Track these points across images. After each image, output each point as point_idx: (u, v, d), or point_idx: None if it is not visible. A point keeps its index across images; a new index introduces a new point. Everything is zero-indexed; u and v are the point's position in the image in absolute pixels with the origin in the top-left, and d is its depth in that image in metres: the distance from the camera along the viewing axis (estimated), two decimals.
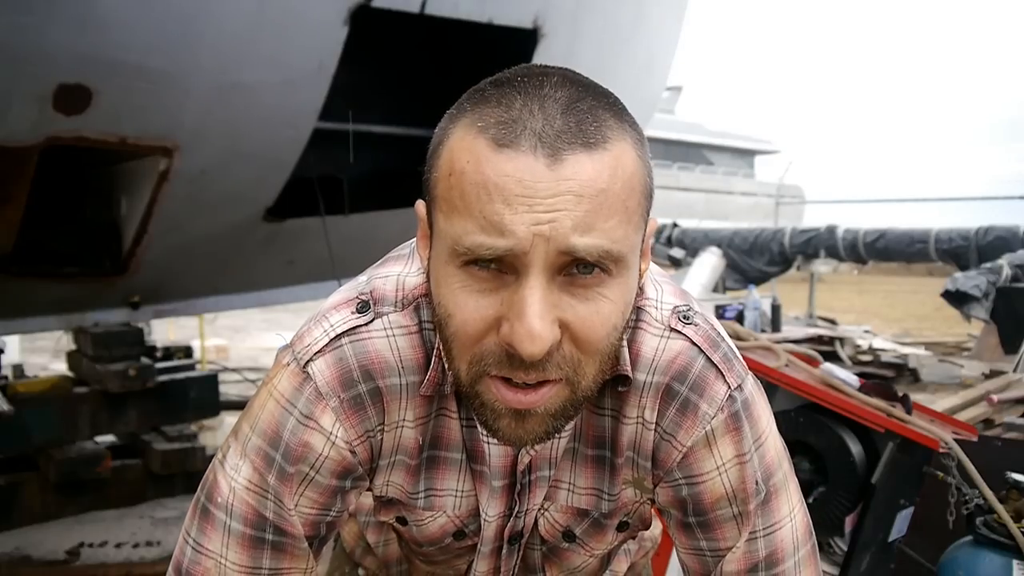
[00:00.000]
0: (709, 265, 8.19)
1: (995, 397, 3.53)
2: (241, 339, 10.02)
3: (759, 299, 7.32)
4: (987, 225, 9.47)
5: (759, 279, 10.36)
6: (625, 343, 0.79)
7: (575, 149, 0.63)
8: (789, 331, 7.78)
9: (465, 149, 0.65)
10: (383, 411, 0.81)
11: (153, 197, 3.24)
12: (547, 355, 0.65)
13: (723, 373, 0.81)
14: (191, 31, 2.81)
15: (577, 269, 0.65)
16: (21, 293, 3.47)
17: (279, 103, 3.19)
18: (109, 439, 4.30)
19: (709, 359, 0.81)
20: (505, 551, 0.94)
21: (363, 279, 0.85)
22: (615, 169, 0.64)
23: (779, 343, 2.52)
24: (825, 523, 2.15)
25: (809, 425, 2.18)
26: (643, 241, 0.72)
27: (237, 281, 4.33)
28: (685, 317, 0.82)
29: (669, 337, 0.82)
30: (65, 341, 5.31)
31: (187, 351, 5.04)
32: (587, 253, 0.63)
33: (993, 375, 5.00)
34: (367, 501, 1.10)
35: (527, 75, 0.68)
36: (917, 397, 2.68)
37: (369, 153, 4.27)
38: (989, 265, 7.74)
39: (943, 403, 3.52)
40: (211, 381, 4.49)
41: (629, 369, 0.80)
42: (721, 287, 8.40)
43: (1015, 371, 4.82)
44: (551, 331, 0.64)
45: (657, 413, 0.82)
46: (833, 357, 7.28)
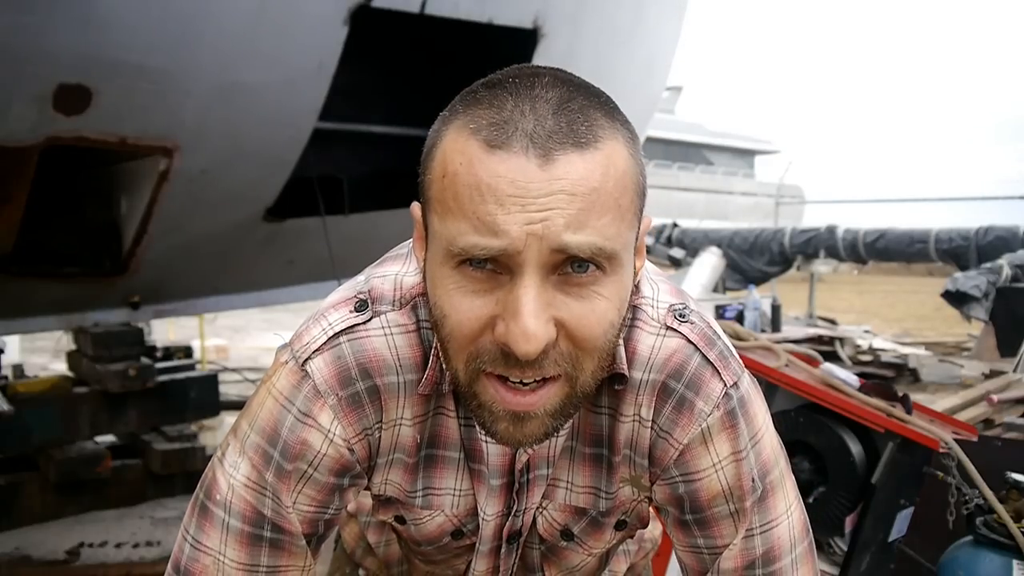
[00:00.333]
0: (709, 265, 8.19)
1: (995, 397, 3.53)
2: (241, 339, 10.02)
3: (759, 299, 7.32)
4: (987, 225, 9.47)
5: (759, 279, 10.36)
6: (621, 341, 0.79)
7: (566, 149, 0.63)
8: (789, 331, 7.78)
9: (458, 151, 0.65)
10: (381, 409, 0.81)
11: (153, 197, 3.24)
12: (543, 353, 0.65)
13: (719, 371, 0.81)
14: (191, 31, 2.81)
15: (571, 268, 0.65)
16: (21, 293, 3.47)
17: (279, 103, 3.19)
18: (109, 439, 4.30)
19: (705, 357, 0.81)
20: (503, 550, 0.94)
21: (361, 278, 0.86)
22: (607, 168, 0.65)
23: (779, 343, 2.52)
24: (825, 523, 2.14)
25: (809, 425, 2.18)
26: (637, 239, 0.72)
27: (237, 281, 4.32)
28: (681, 315, 0.83)
29: (665, 335, 0.82)
30: (65, 341, 5.31)
31: (187, 351, 5.04)
32: (580, 250, 0.63)
33: (993, 375, 4.99)
34: (368, 502, 1.10)
35: (519, 76, 0.68)
36: (917, 397, 2.68)
37: (369, 153, 4.27)
38: (989, 265, 7.73)
39: (943, 403, 3.52)
40: (211, 381, 4.49)
41: (625, 367, 0.80)
42: (721, 287, 8.40)
43: (1015, 371, 4.82)
44: (546, 330, 0.64)
45: (653, 411, 0.82)
46: (833, 357, 7.28)
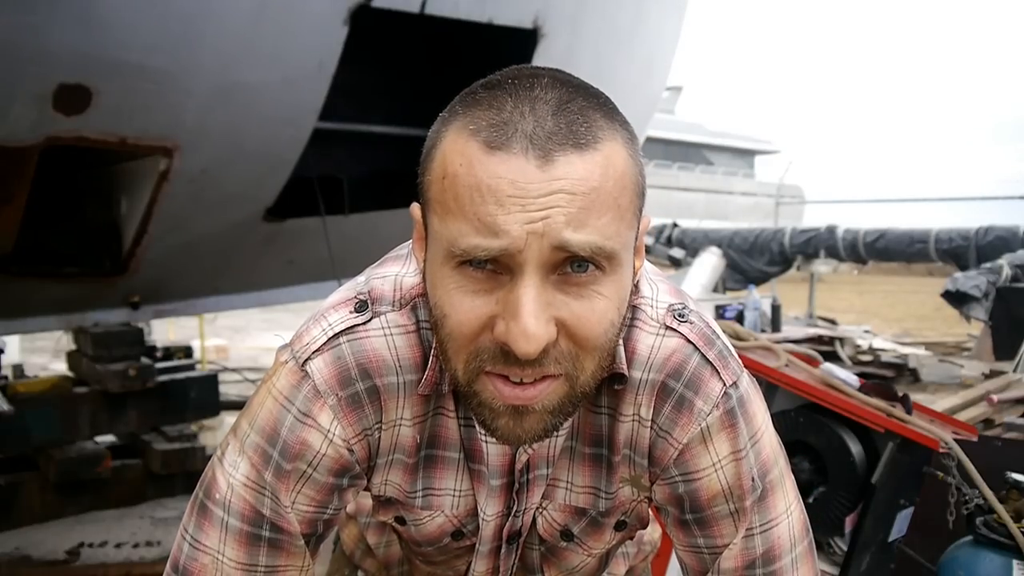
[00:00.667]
0: (709, 265, 8.19)
1: (995, 397, 3.53)
2: (241, 339, 10.02)
3: (759, 299, 7.31)
4: (987, 225, 9.47)
5: (759, 279, 10.35)
6: (621, 341, 0.79)
7: (566, 150, 0.63)
8: (789, 331, 7.78)
9: (457, 152, 0.65)
10: (380, 409, 0.81)
11: (153, 197, 3.24)
12: (543, 353, 0.65)
13: (718, 370, 0.81)
14: (192, 31, 2.81)
15: (571, 267, 0.65)
16: (21, 293, 3.47)
17: (279, 103, 3.19)
18: (109, 439, 4.29)
19: (704, 356, 0.81)
20: (503, 551, 0.94)
21: (362, 279, 0.86)
22: (606, 168, 0.65)
23: (779, 343, 2.52)
24: (825, 523, 2.15)
25: (809, 425, 2.18)
26: (636, 239, 0.72)
27: (237, 281, 4.32)
28: (680, 315, 0.83)
29: (664, 335, 0.82)
30: (65, 341, 5.31)
31: (187, 351, 5.04)
32: (580, 248, 0.64)
33: (993, 375, 4.99)
34: (367, 503, 1.10)
35: (518, 77, 0.68)
36: (917, 397, 2.68)
37: (369, 153, 4.27)
38: (989, 265, 7.73)
39: (943, 403, 3.52)
40: (211, 381, 4.49)
41: (625, 367, 0.80)
42: (721, 287, 8.40)
43: (1015, 371, 4.82)
44: (546, 330, 0.65)
45: (653, 410, 0.82)
46: (833, 357, 7.28)
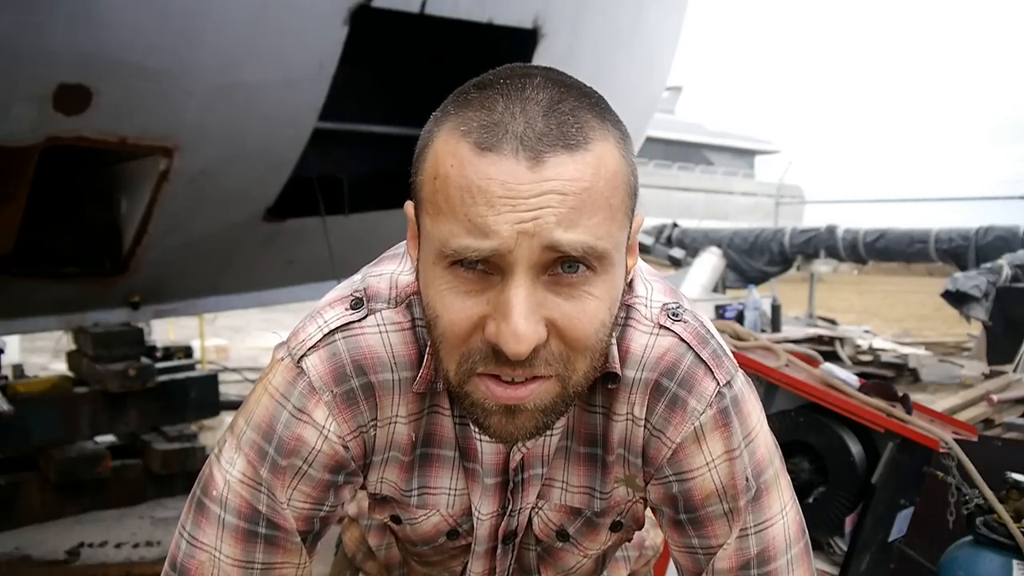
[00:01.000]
0: (709, 265, 8.20)
1: (995, 397, 3.53)
2: (241, 339, 10.02)
3: (759, 299, 7.32)
4: (987, 225, 9.46)
5: (759, 279, 10.35)
6: (614, 340, 0.79)
7: (556, 151, 0.63)
8: (789, 331, 7.78)
9: (449, 153, 0.65)
10: (376, 406, 0.81)
11: (153, 197, 3.24)
12: (534, 353, 0.65)
13: (712, 370, 0.81)
14: (192, 31, 2.81)
15: (561, 268, 0.65)
16: (21, 293, 3.47)
17: (279, 103, 3.19)
18: (109, 439, 4.30)
19: (698, 356, 0.81)
20: (499, 551, 0.94)
21: (358, 277, 0.86)
22: (597, 168, 0.65)
23: (779, 343, 2.52)
24: (825, 523, 2.15)
25: (809, 425, 2.18)
26: (629, 238, 0.72)
27: (237, 281, 4.33)
28: (674, 314, 0.83)
29: (658, 334, 0.82)
30: (65, 341, 5.31)
31: (187, 351, 5.04)
32: (572, 248, 0.63)
33: (993, 375, 5.00)
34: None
35: (510, 77, 0.68)
36: (917, 397, 2.68)
37: (369, 153, 4.27)
38: (989, 265, 7.72)
39: (943, 403, 3.52)
40: (211, 381, 4.49)
41: (618, 366, 0.80)
42: (721, 287, 8.41)
43: (1015, 371, 4.82)
44: (536, 330, 0.65)
45: (646, 409, 0.82)
46: (833, 357, 7.28)
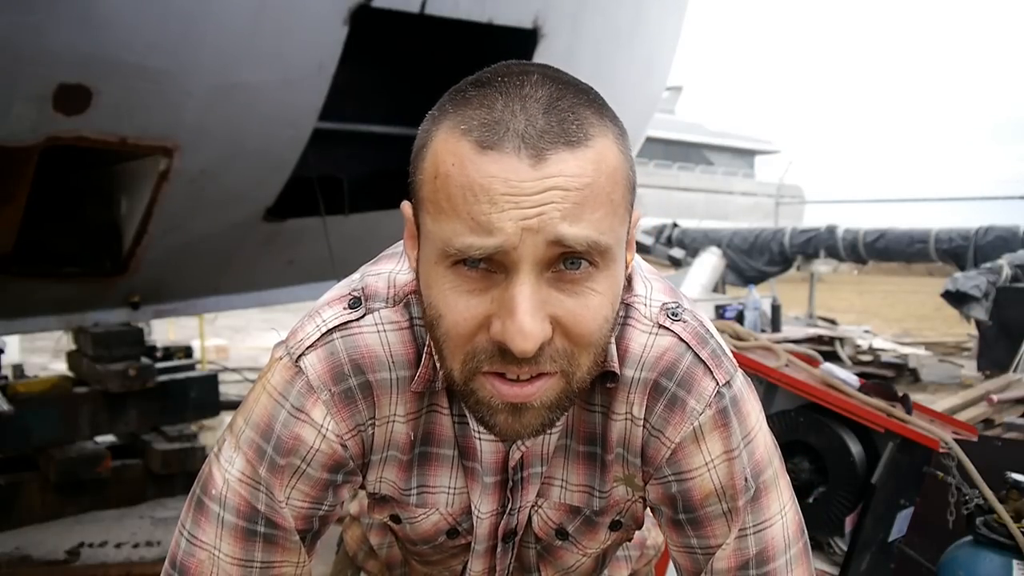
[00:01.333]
0: (709, 265, 8.20)
1: (995, 397, 3.53)
2: (241, 339, 10.02)
3: (759, 299, 7.32)
4: (987, 225, 9.45)
5: (759, 279, 10.35)
6: (613, 339, 0.79)
7: (558, 148, 0.63)
8: (789, 331, 7.79)
9: (449, 152, 0.65)
10: (374, 405, 0.81)
11: (153, 197, 3.24)
12: (540, 350, 0.65)
13: (711, 369, 0.81)
14: (192, 31, 2.81)
15: (564, 265, 0.65)
16: (21, 293, 3.47)
17: (279, 103, 3.19)
18: (109, 439, 4.30)
19: (697, 355, 0.81)
20: (499, 550, 0.93)
21: (356, 276, 0.86)
22: (598, 164, 0.65)
23: (779, 343, 2.52)
24: (825, 523, 2.15)
25: (809, 425, 2.18)
26: (628, 233, 0.72)
27: (237, 281, 4.33)
28: (674, 314, 0.83)
29: (657, 334, 0.82)
30: (65, 341, 5.31)
31: (187, 351, 5.05)
32: (576, 243, 0.63)
33: (993, 375, 5.00)
34: None
35: (507, 74, 0.68)
36: (917, 397, 2.69)
37: (369, 153, 4.27)
38: (989, 265, 7.72)
39: (943, 403, 3.53)
40: (211, 381, 4.49)
41: (617, 365, 0.80)
42: (721, 287, 8.41)
43: (1015, 371, 4.82)
44: (542, 328, 0.65)
45: (645, 409, 0.82)
46: (833, 357, 7.28)
